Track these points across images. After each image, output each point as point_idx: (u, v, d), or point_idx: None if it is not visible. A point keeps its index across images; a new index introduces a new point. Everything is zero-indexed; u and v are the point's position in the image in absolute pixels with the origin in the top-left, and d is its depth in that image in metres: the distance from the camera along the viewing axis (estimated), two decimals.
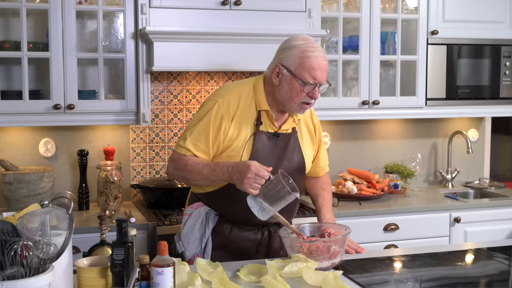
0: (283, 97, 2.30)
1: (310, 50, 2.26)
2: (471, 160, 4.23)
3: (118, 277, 1.77)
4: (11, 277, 1.54)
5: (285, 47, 2.32)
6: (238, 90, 2.36)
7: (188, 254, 2.38)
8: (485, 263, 2.42)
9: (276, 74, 2.30)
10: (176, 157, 2.37)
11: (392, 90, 3.72)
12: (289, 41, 2.32)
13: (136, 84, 3.23)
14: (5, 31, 3.26)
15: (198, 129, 2.32)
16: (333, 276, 1.94)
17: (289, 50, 2.28)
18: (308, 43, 2.29)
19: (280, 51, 2.33)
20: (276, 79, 2.30)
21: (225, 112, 2.30)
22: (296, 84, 2.26)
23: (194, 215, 2.41)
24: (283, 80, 2.28)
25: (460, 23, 3.74)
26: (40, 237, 1.62)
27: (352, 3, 3.63)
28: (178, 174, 2.38)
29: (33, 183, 3.13)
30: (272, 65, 2.35)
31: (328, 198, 2.60)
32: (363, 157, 3.99)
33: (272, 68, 2.32)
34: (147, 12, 3.12)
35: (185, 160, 2.33)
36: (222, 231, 2.42)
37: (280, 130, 2.38)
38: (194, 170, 2.31)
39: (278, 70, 2.29)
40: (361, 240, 3.28)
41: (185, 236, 2.39)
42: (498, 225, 3.62)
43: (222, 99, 2.33)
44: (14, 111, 3.08)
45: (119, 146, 3.51)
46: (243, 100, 2.34)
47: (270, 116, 2.35)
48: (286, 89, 2.28)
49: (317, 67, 2.25)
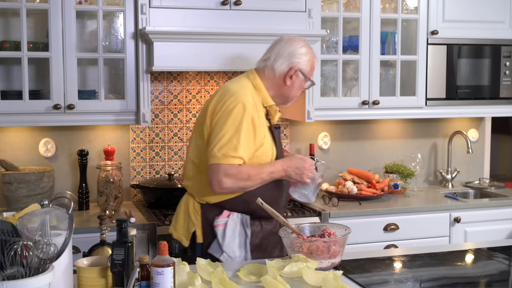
0: (291, 95, 2.59)
1: (314, 54, 2.61)
2: (471, 160, 4.22)
3: (118, 277, 1.77)
4: (11, 277, 1.54)
5: (295, 52, 2.54)
6: (249, 90, 2.49)
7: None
8: (485, 263, 2.42)
9: (290, 76, 2.53)
10: (234, 171, 2.36)
11: (392, 90, 3.72)
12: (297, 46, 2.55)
13: (136, 84, 3.23)
14: (5, 31, 3.26)
15: (244, 136, 2.37)
16: (333, 276, 1.94)
17: (303, 56, 2.55)
18: (310, 47, 2.60)
19: (293, 56, 2.53)
20: (289, 80, 2.54)
21: (253, 112, 2.43)
22: (303, 84, 2.59)
23: (230, 224, 2.45)
24: (297, 81, 2.56)
25: (460, 23, 3.74)
26: (40, 237, 1.62)
27: (352, 3, 3.63)
28: (238, 187, 2.40)
29: (33, 183, 3.13)
30: (282, 66, 2.53)
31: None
32: (363, 157, 3.99)
33: (285, 71, 2.52)
34: (147, 12, 3.12)
35: (246, 171, 2.39)
36: (254, 230, 2.49)
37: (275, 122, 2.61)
38: (257, 178, 2.42)
39: (293, 73, 2.53)
40: (361, 240, 3.29)
41: (228, 247, 2.43)
42: (498, 225, 3.62)
43: (246, 100, 2.43)
44: (14, 111, 3.08)
45: (119, 146, 3.51)
46: (255, 99, 2.49)
47: (274, 110, 2.57)
48: (296, 88, 2.58)
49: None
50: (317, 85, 3.50)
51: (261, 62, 2.59)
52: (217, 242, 2.45)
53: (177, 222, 2.61)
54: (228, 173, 2.34)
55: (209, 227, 2.48)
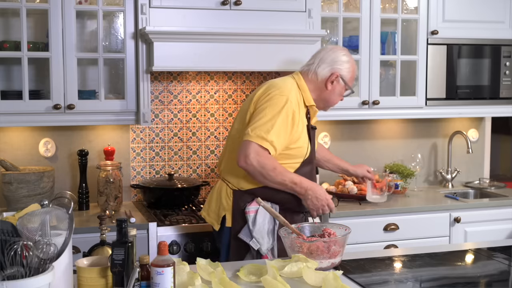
0: (331, 99, 2.72)
1: (355, 65, 2.76)
2: (471, 160, 4.22)
3: (118, 277, 1.77)
4: (11, 277, 1.54)
5: (339, 59, 2.69)
6: (293, 88, 2.63)
7: (264, 249, 2.52)
8: (485, 263, 2.42)
9: (331, 81, 2.67)
10: (263, 153, 2.45)
11: (392, 90, 3.72)
12: (340, 54, 2.71)
13: (136, 84, 3.23)
14: (5, 31, 3.26)
15: (279, 123, 2.48)
16: (333, 276, 1.94)
17: (345, 63, 2.69)
18: (351, 57, 2.75)
19: (335, 62, 2.68)
20: (330, 85, 2.68)
21: (296, 107, 2.56)
22: (343, 91, 2.73)
23: (261, 211, 2.54)
24: (337, 87, 2.69)
25: (460, 23, 3.74)
26: (40, 237, 1.62)
27: (352, 3, 3.63)
28: (260, 171, 2.46)
29: (33, 183, 3.13)
30: (324, 71, 2.67)
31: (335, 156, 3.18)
32: (363, 157, 3.99)
33: (327, 75, 2.67)
34: (147, 12, 3.12)
35: (273, 162, 2.47)
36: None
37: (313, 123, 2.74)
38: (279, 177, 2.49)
39: (334, 79, 2.67)
40: (361, 240, 3.29)
41: (258, 233, 2.53)
42: (498, 225, 3.62)
43: (291, 95, 2.56)
44: (14, 111, 3.08)
45: (119, 146, 3.51)
46: (298, 97, 2.62)
47: (313, 110, 2.69)
48: (337, 93, 2.71)
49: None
50: None
51: (305, 66, 2.75)
52: (247, 228, 2.55)
53: (210, 207, 2.73)
54: (257, 152, 2.45)
55: (239, 213, 2.59)
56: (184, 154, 3.64)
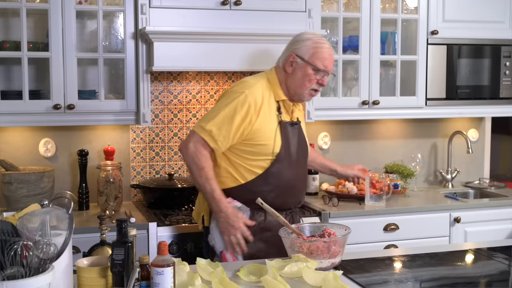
0: (296, 84, 2.55)
1: (322, 42, 2.57)
2: (471, 160, 4.22)
3: (118, 277, 1.77)
4: (11, 277, 1.54)
5: (297, 39, 2.57)
6: (260, 83, 2.54)
7: (217, 247, 2.51)
8: (485, 263, 2.42)
9: (290, 63, 2.54)
10: (201, 148, 2.44)
11: (392, 90, 3.72)
12: (301, 35, 2.59)
13: (136, 84, 3.23)
14: (5, 31, 3.26)
15: (223, 115, 2.45)
16: (333, 276, 1.94)
17: (302, 42, 2.55)
18: (318, 37, 2.59)
19: (293, 43, 2.58)
20: (290, 67, 2.55)
21: (253, 103, 2.48)
22: (310, 71, 2.52)
23: None
24: (297, 68, 2.54)
25: (460, 23, 3.74)
26: (40, 237, 1.61)
27: (352, 3, 3.63)
28: (191, 163, 2.47)
29: (33, 183, 3.13)
30: (284, 56, 2.59)
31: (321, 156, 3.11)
32: (363, 157, 3.99)
33: (286, 58, 2.56)
34: (147, 12, 3.12)
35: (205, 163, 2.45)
36: (256, 221, 2.53)
37: (293, 118, 2.63)
38: (203, 179, 2.46)
39: (292, 59, 2.54)
40: (361, 240, 3.29)
41: (214, 230, 2.53)
42: (498, 225, 3.62)
43: (249, 91, 2.49)
44: (14, 111, 3.08)
45: (119, 146, 3.51)
46: (266, 92, 2.54)
47: (287, 105, 2.60)
48: (300, 76, 2.54)
49: (328, 57, 2.55)
50: None
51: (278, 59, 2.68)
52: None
53: (195, 207, 2.76)
54: (195, 144, 2.46)
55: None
56: None
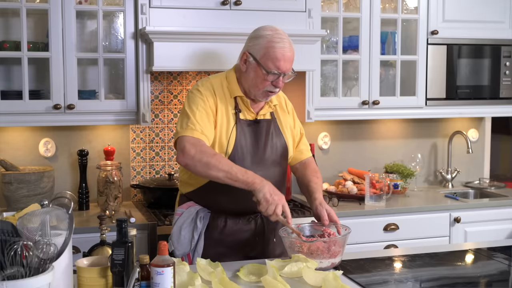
0: (249, 84, 2.40)
1: (276, 40, 2.34)
2: (471, 160, 4.22)
3: (118, 277, 1.77)
4: (11, 277, 1.54)
5: (253, 36, 2.41)
6: (215, 80, 2.44)
7: (177, 253, 2.41)
8: (485, 263, 2.42)
9: (244, 61, 2.40)
10: (197, 142, 2.27)
11: (392, 90, 3.72)
12: (258, 30, 2.42)
13: (136, 84, 3.23)
14: (5, 31, 3.26)
15: (187, 113, 2.34)
16: (333, 276, 1.94)
17: (256, 39, 2.38)
18: (276, 33, 2.37)
19: (249, 39, 2.42)
20: (243, 66, 2.40)
21: (211, 98, 2.38)
22: (261, 72, 2.35)
23: (184, 215, 2.44)
24: (250, 67, 2.38)
25: (460, 23, 3.74)
26: (40, 237, 1.61)
27: (352, 3, 3.63)
28: (200, 159, 2.24)
29: (33, 183, 3.13)
30: (241, 52, 2.44)
31: (319, 183, 2.54)
32: (363, 157, 3.99)
33: (241, 55, 2.42)
34: (147, 12, 3.12)
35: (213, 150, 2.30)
36: (216, 226, 2.44)
37: (258, 116, 2.45)
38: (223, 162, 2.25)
39: (246, 58, 2.39)
40: (361, 240, 3.29)
41: (174, 236, 2.42)
42: (498, 225, 3.62)
43: (204, 87, 2.40)
44: (14, 111, 3.08)
45: (119, 146, 3.51)
46: (218, 91, 2.41)
47: (245, 102, 2.43)
48: (252, 76, 2.38)
49: (281, 58, 2.34)
50: (317, 85, 3.51)
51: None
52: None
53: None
54: (190, 142, 2.27)
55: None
56: None
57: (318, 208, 2.38)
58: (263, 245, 2.45)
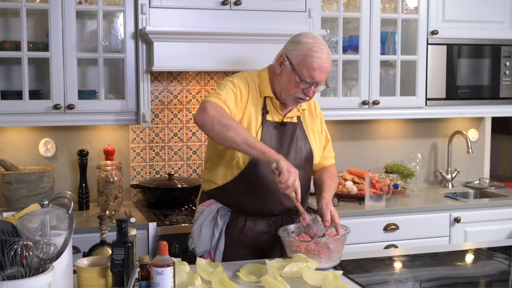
0: (280, 87, 2.37)
1: (315, 50, 2.32)
2: (471, 160, 4.22)
3: (118, 277, 1.77)
4: (11, 277, 1.54)
5: (294, 40, 2.38)
6: (249, 76, 2.42)
7: (198, 251, 2.41)
8: (485, 263, 2.42)
9: (280, 63, 2.37)
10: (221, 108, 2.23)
11: (392, 90, 3.72)
12: (300, 36, 2.39)
13: (136, 84, 3.23)
14: (5, 31, 3.26)
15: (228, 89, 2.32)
16: (333, 276, 1.94)
17: (297, 44, 2.35)
18: (316, 42, 2.34)
19: (289, 43, 2.40)
20: (278, 67, 2.37)
21: (244, 91, 2.36)
22: (294, 78, 2.32)
23: (205, 213, 2.44)
24: (284, 70, 2.35)
25: (460, 23, 3.74)
26: (40, 237, 1.62)
27: (352, 3, 3.63)
28: (220, 119, 2.19)
29: (33, 183, 3.13)
30: (278, 54, 2.41)
31: (333, 186, 2.53)
32: (363, 157, 3.99)
33: (278, 57, 2.39)
34: (147, 12, 3.12)
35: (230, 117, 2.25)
36: (235, 225, 2.43)
37: (285, 118, 2.43)
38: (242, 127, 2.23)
39: (282, 60, 2.36)
40: (361, 240, 3.29)
41: (195, 234, 2.42)
42: (498, 225, 3.62)
43: (238, 79, 2.38)
44: (14, 111, 3.08)
45: (119, 146, 3.51)
46: (251, 85, 2.40)
47: (274, 103, 2.41)
48: (285, 80, 2.35)
49: (317, 68, 2.31)
50: None
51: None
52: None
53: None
54: (212, 105, 2.23)
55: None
56: (184, 154, 3.64)
57: (323, 208, 2.36)
58: (282, 249, 2.36)
